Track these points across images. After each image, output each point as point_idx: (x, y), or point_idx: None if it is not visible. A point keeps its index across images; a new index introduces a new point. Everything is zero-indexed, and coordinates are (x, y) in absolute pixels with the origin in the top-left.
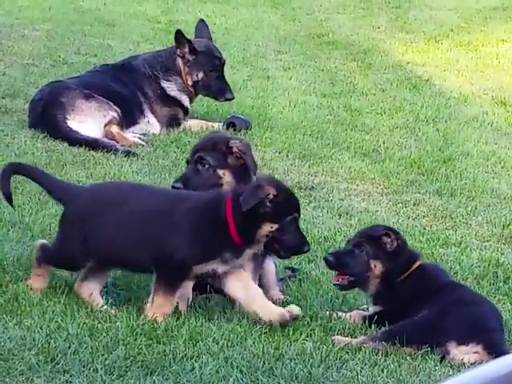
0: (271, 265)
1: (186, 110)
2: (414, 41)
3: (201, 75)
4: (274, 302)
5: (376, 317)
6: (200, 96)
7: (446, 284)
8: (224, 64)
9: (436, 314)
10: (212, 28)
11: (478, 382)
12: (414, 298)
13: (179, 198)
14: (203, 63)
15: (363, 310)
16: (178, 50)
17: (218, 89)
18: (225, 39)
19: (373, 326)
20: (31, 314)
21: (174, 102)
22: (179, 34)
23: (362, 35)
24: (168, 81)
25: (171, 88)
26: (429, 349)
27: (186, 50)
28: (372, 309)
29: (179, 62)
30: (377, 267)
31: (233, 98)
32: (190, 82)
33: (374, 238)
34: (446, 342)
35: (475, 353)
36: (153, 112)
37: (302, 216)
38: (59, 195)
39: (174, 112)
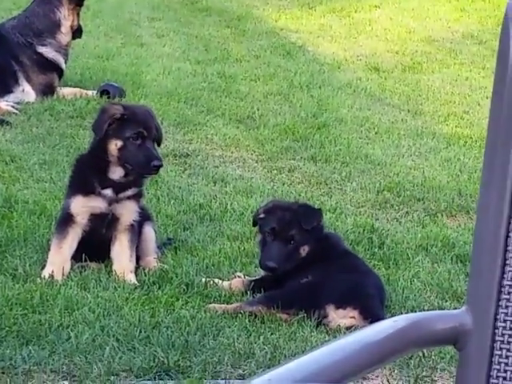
0: (151, 232)
1: (61, 73)
2: (287, 7)
3: (77, 19)
4: (150, 269)
5: (264, 282)
6: (74, 64)
7: (337, 252)
8: None
9: (317, 279)
10: None
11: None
12: (307, 266)
13: None
14: (79, 6)
15: (242, 276)
16: None
17: (80, 28)
18: (98, 6)
19: (249, 292)
20: None
21: (50, 66)
22: None
23: (236, 2)
24: (43, 45)
25: (48, 51)
26: (305, 315)
27: None
28: (263, 273)
29: (65, 13)
30: (305, 250)
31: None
32: (74, 27)
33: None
34: (325, 305)
35: (351, 317)
36: (28, 80)
37: (177, 184)
38: None
39: (49, 79)
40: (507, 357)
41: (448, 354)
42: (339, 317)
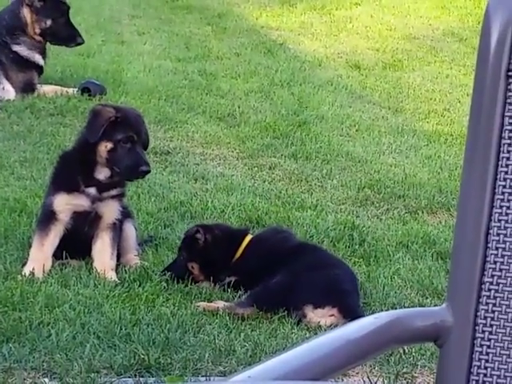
0: (131, 229)
1: (41, 70)
2: (268, 5)
3: (49, 22)
4: (130, 266)
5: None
6: (54, 61)
7: (294, 247)
8: (69, 9)
9: (290, 278)
10: None
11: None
12: (263, 267)
13: None
14: (51, 10)
15: None
16: None
17: (68, 35)
18: (78, 4)
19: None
20: None
21: (28, 64)
22: None
23: None
24: (17, 44)
25: (22, 49)
26: (286, 312)
27: None
28: (228, 279)
29: (25, 12)
30: (194, 268)
31: (83, 42)
32: (37, 31)
33: (185, 240)
34: (303, 306)
35: (331, 316)
36: (8, 78)
37: (157, 181)
38: None
39: (28, 77)
40: (487, 353)
41: (428, 350)
42: (318, 316)
